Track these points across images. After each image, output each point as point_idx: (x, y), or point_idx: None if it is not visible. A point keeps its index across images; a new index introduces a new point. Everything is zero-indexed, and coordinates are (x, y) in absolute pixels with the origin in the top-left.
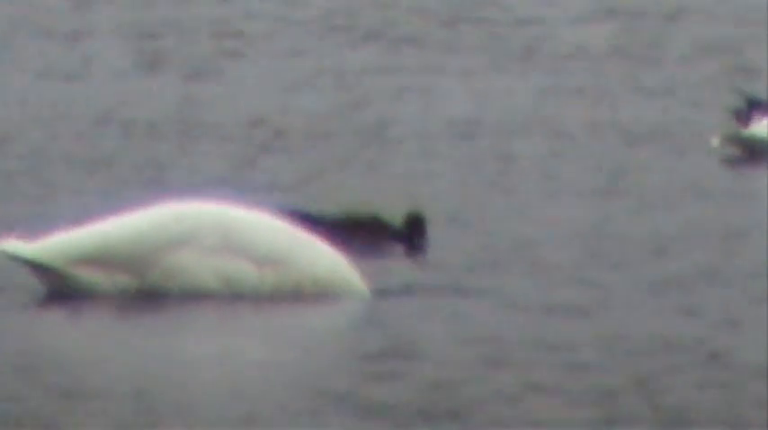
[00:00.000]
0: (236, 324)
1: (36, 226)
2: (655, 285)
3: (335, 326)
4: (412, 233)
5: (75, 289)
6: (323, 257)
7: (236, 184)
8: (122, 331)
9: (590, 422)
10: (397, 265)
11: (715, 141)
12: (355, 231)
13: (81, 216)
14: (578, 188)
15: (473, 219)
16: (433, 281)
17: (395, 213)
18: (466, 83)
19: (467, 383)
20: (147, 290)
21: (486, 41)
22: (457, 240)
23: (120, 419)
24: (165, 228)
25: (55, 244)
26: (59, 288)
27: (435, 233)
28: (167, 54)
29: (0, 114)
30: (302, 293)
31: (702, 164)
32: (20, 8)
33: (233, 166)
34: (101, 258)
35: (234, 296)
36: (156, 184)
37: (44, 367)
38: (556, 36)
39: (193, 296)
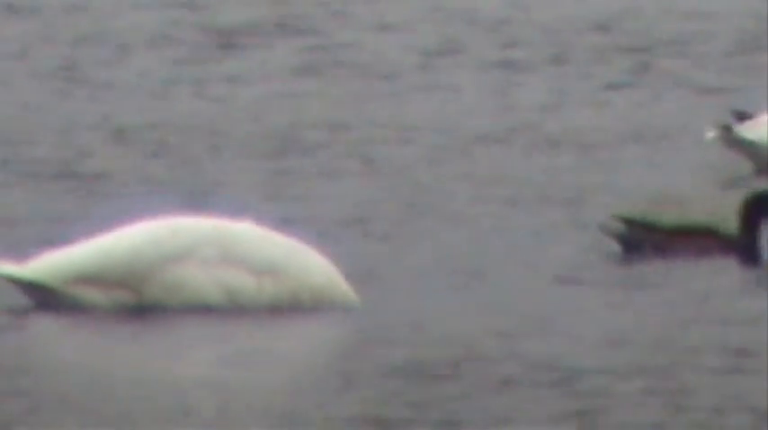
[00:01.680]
0: (230, 338)
1: (25, 245)
2: None
3: (334, 338)
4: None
5: (70, 307)
6: (318, 267)
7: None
8: (116, 345)
9: None
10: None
11: (709, 134)
12: (690, 239)
13: (72, 233)
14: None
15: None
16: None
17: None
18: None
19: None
20: (145, 305)
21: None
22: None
23: None
24: (162, 243)
25: (49, 263)
26: (54, 306)
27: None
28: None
29: None
30: (299, 303)
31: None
32: None
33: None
34: (98, 276)
35: (232, 308)
36: (137, 198)
37: (37, 383)
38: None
39: (191, 309)
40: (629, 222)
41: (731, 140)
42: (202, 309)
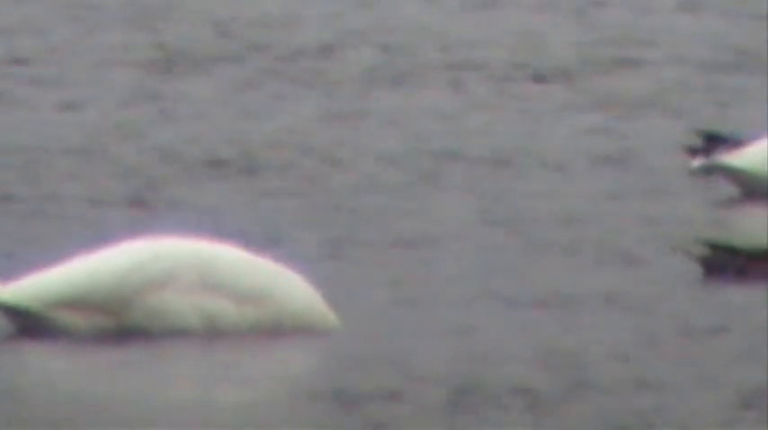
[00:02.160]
0: (212, 362)
1: (7, 268)
2: None
3: (316, 363)
4: None
5: (51, 331)
6: (300, 292)
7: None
8: (98, 370)
9: None
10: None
11: (694, 164)
12: None
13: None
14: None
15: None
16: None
17: None
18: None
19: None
20: (126, 330)
21: None
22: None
23: None
24: (143, 268)
25: (30, 286)
26: (34, 330)
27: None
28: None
29: None
30: (281, 329)
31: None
32: None
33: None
34: (79, 300)
35: (213, 333)
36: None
37: (14, 411)
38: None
39: (172, 334)
40: (713, 247)
41: (717, 169)
42: (184, 334)
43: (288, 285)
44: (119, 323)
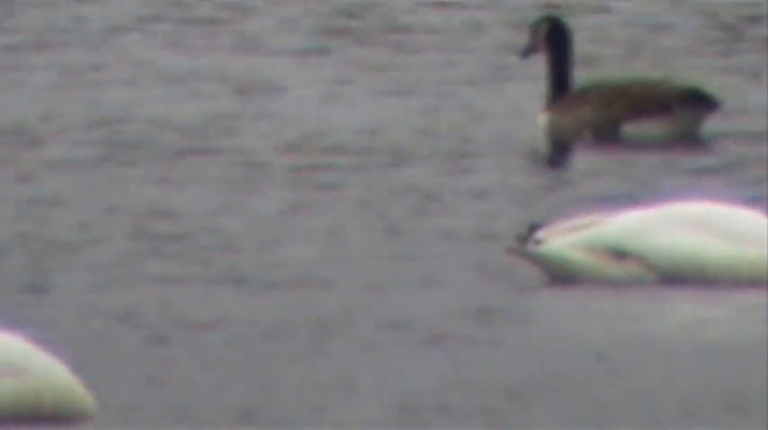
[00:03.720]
0: None
1: None
2: None
3: None
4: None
5: None
6: (57, 368)
7: None
8: None
9: None
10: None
11: (507, 249)
12: None
13: None
14: None
15: None
16: None
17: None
18: None
19: None
20: None
21: None
22: None
23: None
24: None
25: None
26: None
27: None
28: None
29: None
30: (41, 405)
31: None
32: None
33: None
34: None
35: None
36: None
37: None
38: None
39: None
40: None
41: (524, 254)
42: None
43: (46, 363)
44: None
